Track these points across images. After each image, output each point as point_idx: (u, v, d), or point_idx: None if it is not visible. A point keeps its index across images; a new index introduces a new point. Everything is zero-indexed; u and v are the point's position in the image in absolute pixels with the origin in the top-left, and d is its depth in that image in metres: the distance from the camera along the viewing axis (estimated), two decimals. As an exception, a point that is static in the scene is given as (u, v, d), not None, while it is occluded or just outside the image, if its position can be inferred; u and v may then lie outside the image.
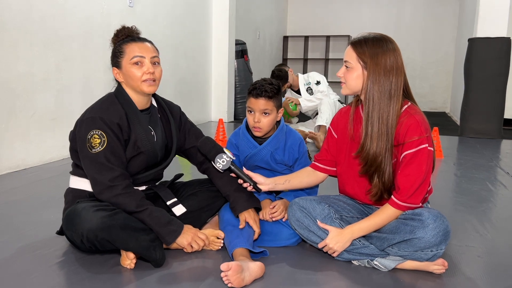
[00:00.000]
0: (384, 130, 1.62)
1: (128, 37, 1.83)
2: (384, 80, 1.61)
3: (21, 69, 3.25)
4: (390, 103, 1.62)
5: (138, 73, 1.77)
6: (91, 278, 1.61)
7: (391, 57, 1.62)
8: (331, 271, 1.72)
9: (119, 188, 1.67)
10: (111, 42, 1.86)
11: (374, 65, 1.62)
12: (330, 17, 9.58)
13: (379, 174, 1.67)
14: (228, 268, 1.51)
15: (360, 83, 1.67)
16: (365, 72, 1.64)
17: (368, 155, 1.65)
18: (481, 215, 2.49)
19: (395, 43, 1.67)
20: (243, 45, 7.00)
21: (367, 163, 1.67)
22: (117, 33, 1.84)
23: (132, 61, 1.77)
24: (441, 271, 1.68)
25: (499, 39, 5.27)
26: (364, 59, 1.63)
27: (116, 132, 1.73)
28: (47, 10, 3.44)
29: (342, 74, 1.71)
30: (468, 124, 5.52)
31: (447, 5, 8.86)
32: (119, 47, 1.81)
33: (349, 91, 1.72)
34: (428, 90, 8.85)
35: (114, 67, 1.82)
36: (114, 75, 1.83)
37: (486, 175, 3.48)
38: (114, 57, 1.82)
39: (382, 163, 1.64)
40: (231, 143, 2.12)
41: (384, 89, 1.62)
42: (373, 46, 1.63)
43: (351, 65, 1.67)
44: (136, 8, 4.55)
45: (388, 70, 1.62)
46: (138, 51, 1.78)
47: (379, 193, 1.70)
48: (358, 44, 1.66)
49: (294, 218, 1.83)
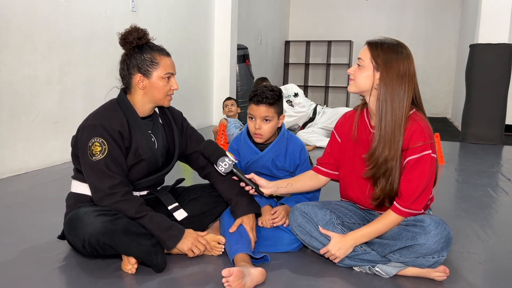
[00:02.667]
0: (398, 134, 1.62)
1: (155, 46, 1.80)
2: (398, 85, 1.62)
3: (25, 72, 3.26)
4: (402, 108, 1.62)
5: (167, 88, 1.81)
6: (92, 283, 1.61)
7: (404, 63, 1.63)
8: (332, 277, 1.72)
9: (118, 195, 1.68)
10: (123, 42, 1.79)
11: (388, 68, 1.62)
12: (332, 22, 9.60)
13: (387, 178, 1.66)
14: (230, 274, 1.51)
15: (368, 83, 1.67)
16: (376, 73, 1.65)
17: (379, 158, 1.64)
18: (483, 221, 2.48)
19: (409, 50, 1.68)
20: (245, 49, 7.02)
21: (376, 165, 1.66)
22: (127, 34, 1.78)
23: (165, 76, 1.80)
24: (443, 278, 1.68)
25: (500, 45, 5.27)
26: (377, 61, 1.64)
27: (118, 140, 1.73)
28: (50, 13, 3.46)
29: (353, 71, 1.71)
30: (470, 129, 5.51)
31: (449, 10, 8.88)
32: (150, 55, 1.78)
33: (356, 89, 1.72)
34: (430, 96, 8.85)
35: (141, 74, 1.78)
36: (136, 81, 1.78)
37: (488, 181, 3.47)
38: (144, 65, 1.77)
39: (393, 168, 1.64)
40: (233, 149, 2.12)
41: (397, 93, 1.62)
42: (389, 50, 1.64)
43: (363, 63, 1.67)
44: (138, 13, 4.57)
45: (401, 75, 1.62)
46: (171, 67, 1.82)
47: (381, 197, 1.69)
48: (374, 45, 1.67)
49: (295, 223, 1.83)
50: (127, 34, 1.78)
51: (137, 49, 1.79)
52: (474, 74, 5.42)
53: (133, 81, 1.80)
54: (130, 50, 1.80)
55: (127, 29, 1.79)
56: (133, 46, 1.79)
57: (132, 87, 1.82)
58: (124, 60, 1.82)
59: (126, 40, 1.79)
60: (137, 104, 1.82)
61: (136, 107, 1.82)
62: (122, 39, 1.79)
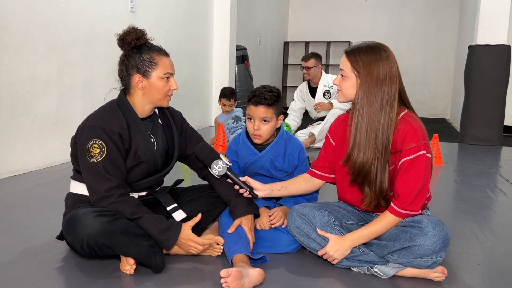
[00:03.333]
0: (372, 139, 1.63)
1: (153, 46, 1.80)
2: (376, 90, 1.62)
3: (24, 73, 3.26)
4: (381, 112, 1.63)
5: (166, 88, 1.81)
6: (91, 284, 1.61)
7: (384, 65, 1.63)
8: (331, 278, 1.72)
9: (114, 197, 1.68)
10: (122, 43, 1.79)
11: (366, 75, 1.63)
12: (331, 23, 9.61)
13: (369, 183, 1.68)
14: (228, 275, 1.51)
15: (355, 92, 1.68)
16: (359, 81, 1.65)
17: (355, 164, 1.66)
18: (481, 222, 2.49)
19: (389, 51, 1.68)
20: (244, 50, 7.03)
21: (354, 172, 1.68)
22: (125, 35, 1.78)
23: (164, 76, 1.79)
24: (441, 278, 1.68)
25: (499, 47, 5.29)
26: (357, 69, 1.65)
27: (117, 142, 1.73)
28: (50, 14, 3.46)
29: (338, 82, 1.72)
30: (468, 130, 5.52)
31: (448, 12, 8.89)
32: (148, 55, 1.78)
33: (344, 99, 1.74)
34: (429, 97, 8.87)
35: (139, 74, 1.78)
36: (135, 82, 1.78)
37: (486, 182, 3.48)
38: (143, 65, 1.77)
39: (371, 172, 1.65)
40: (231, 150, 2.12)
41: (374, 98, 1.62)
42: (367, 55, 1.65)
43: (346, 74, 1.69)
44: (137, 13, 4.57)
45: (381, 79, 1.63)
46: (170, 67, 1.82)
47: (373, 202, 1.70)
48: (351, 54, 1.68)
49: (294, 225, 1.83)
50: (125, 35, 1.78)
51: (136, 50, 1.79)
52: (473, 75, 5.43)
53: (132, 81, 1.80)
54: (128, 51, 1.80)
55: (125, 30, 1.79)
56: (131, 46, 1.79)
57: (132, 88, 1.82)
58: (122, 61, 1.81)
59: (124, 41, 1.78)
60: (136, 105, 1.82)
61: (136, 108, 1.82)
62: (120, 40, 1.79)
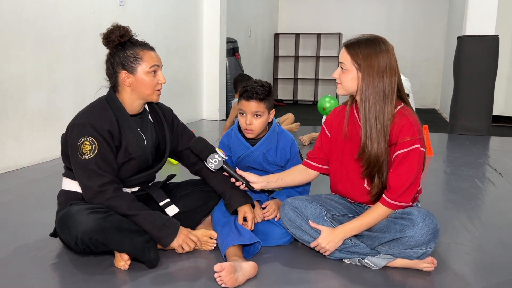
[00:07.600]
0: (382, 130, 1.65)
1: (138, 42, 1.80)
2: (378, 81, 1.64)
3: (13, 70, 3.24)
4: (385, 104, 1.65)
5: (154, 82, 1.79)
6: (85, 280, 1.62)
7: (384, 58, 1.65)
8: (323, 269, 1.75)
9: (109, 192, 1.68)
10: (106, 42, 1.80)
11: (367, 67, 1.64)
12: (321, 14, 9.60)
13: (380, 174, 1.70)
14: (222, 269, 1.53)
15: (355, 84, 1.69)
16: (359, 73, 1.67)
17: (370, 156, 1.67)
18: (470, 212, 2.53)
19: (388, 43, 1.69)
20: (235, 43, 7.00)
21: (370, 164, 1.69)
22: (109, 33, 1.78)
23: (151, 70, 1.78)
24: (431, 268, 1.72)
25: (487, 37, 5.33)
26: (358, 61, 1.66)
27: (107, 139, 1.73)
28: (38, 10, 3.42)
29: (338, 75, 1.73)
30: (458, 121, 5.58)
31: (437, 3, 8.92)
32: (132, 51, 1.77)
33: (344, 92, 1.75)
34: (419, 88, 8.90)
35: (125, 71, 1.78)
36: (122, 79, 1.78)
37: (475, 172, 3.53)
38: (127, 62, 1.77)
39: (384, 163, 1.67)
40: (224, 144, 2.13)
41: (378, 90, 1.64)
42: (366, 48, 1.66)
43: (346, 67, 1.69)
44: (126, 7, 4.53)
45: (382, 71, 1.64)
46: (156, 60, 1.80)
47: (378, 192, 1.73)
48: (351, 46, 1.68)
49: (286, 218, 1.85)
50: (109, 33, 1.78)
51: (120, 47, 1.79)
52: (462, 66, 5.47)
53: (119, 79, 1.79)
54: (113, 49, 1.80)
55: (109, 28, 1.79)
56: (115, 44, 1.79)
57: (119, 85, 1.81)
58: (108, 59, 1.82)
59: (108, 39, 1.78)
60: (126, 102, 1.82)
61: (125, 105, 1.82)
62: (105, 38, 1.79)
